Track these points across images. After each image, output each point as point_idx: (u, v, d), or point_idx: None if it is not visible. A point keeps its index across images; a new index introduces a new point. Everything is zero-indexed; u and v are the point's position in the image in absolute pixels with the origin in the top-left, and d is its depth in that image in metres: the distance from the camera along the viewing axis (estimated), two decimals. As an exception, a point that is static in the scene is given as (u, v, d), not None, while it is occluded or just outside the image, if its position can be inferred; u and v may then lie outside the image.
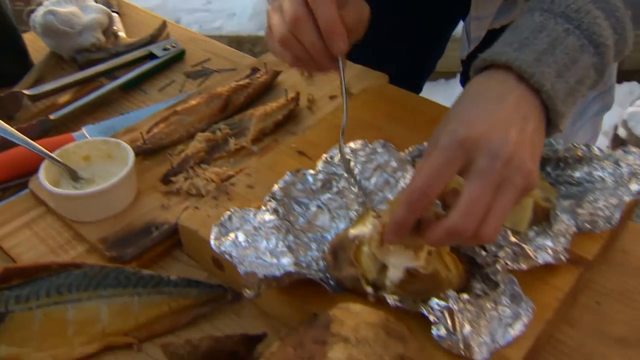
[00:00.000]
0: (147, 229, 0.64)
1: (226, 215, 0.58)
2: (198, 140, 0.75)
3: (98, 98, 0.88)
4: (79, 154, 0.70)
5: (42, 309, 0.54)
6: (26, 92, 0.86)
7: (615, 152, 0.60)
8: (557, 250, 0.54)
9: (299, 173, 0.62)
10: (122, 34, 1.02)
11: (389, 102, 0.77)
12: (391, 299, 0.50)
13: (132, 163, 0.67)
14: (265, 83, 0.84)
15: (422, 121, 0.74)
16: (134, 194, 0.68)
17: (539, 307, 0.51)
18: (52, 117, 0.83)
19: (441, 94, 0.67)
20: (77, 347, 0.54)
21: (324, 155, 0.63)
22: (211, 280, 0.59)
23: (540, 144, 0.50)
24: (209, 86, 0.87)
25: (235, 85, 0.82)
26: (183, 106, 0.80)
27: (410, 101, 0.79)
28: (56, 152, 0.68)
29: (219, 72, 0.94)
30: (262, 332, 0.52)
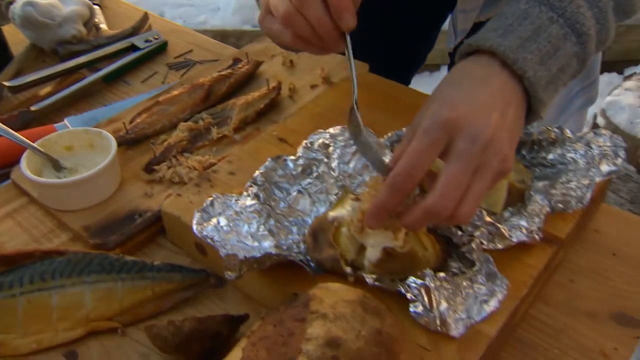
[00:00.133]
0: (130, 217, 0.64)
1: (208, 201, 0.58)
2: (180, 129, 0.75)
3: (80, 90, 0.88)
4: (61, 143, 0.70)
5: (26, 296, 0.55)
6: (6, 83, 0.86)
7: (586, 135, 0.62)
8: (532, 229, 0.55)
9: (279, 159, 0.62)
10: (104, 26, 1.02)
11: (369, 90, 0.78)
12: (370, 279, 0.51)
13: (115, 151, 0.67)
14: (247, 73, 0.85)
15: (402, 108, 0.75)
16: (117, 183, 0.68)
17: (513, 285, 0.53)
18: (33, 108, 0.82)
19: (425, 86, 0.68)
20: (61, 333, 0.55)
21: (304, 141, 0.64)
22: (194, 266, 0.60)
23: (519, 130, 0.50)
24: (191, 77, 0.87)
25: (217, 76, 0.83)
26: (165, 96, 0.80)
27: (390, 89, 0.80)
28: (38, 142, 0.68)
29: (202, 63, 0.94)
30: (245, 313, 0.53)
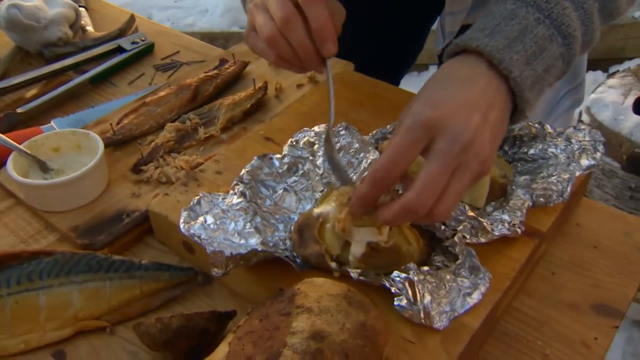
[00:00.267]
0: (118, 217, 0.65)
1: (195, 200, 0.59)
2: (167, 130, 0.76)
3: (67, 92, 0.88)
4: (48, 145, 0.71)
5: (13, 297, 0.55)
6: (-9, 86, 0.86)
7: (566, 130, 0.63)
8: (514, 223, 0.56)
9: (265, 157, 0.63)
10: (90, 28, 1.02)
11: (354, 89, 0.79)
12: (355, 273, 0.52)
13: (102, 152, 0.67)
14: (233, 73, 0.85)
15: (387, 107, 0.76)
16: (104, 184, 0.69)
17: (496, 278, 0.54)
18: (19, 110, 0.82)
19: (413, 86, 0.69)
20: (49, 333, 0.55)
21: (290, 140, 0.65)
22: (182, 265, 0.61)
23: (501, 130, 0.51)
24: (178, 78, 0.87)
25: (204, 76, 0.84)
26: (152, 97, 0.81)
27: (375, 88, 0.81)
28: (25, 144, 0.69)
29: (189, 64, 0.95)
30: (232, 310, 0.54)
